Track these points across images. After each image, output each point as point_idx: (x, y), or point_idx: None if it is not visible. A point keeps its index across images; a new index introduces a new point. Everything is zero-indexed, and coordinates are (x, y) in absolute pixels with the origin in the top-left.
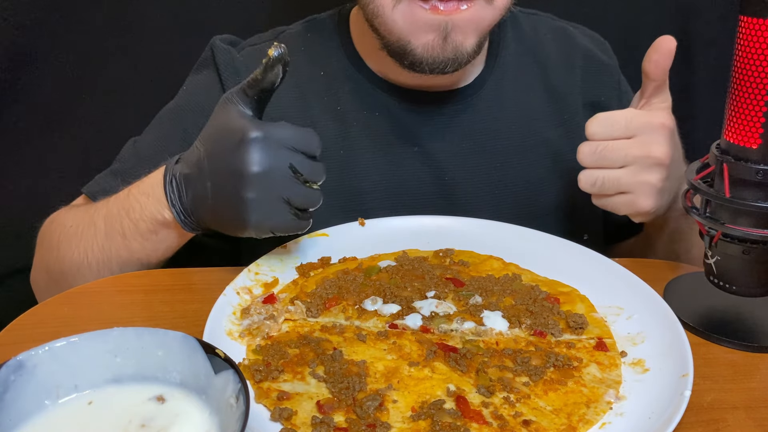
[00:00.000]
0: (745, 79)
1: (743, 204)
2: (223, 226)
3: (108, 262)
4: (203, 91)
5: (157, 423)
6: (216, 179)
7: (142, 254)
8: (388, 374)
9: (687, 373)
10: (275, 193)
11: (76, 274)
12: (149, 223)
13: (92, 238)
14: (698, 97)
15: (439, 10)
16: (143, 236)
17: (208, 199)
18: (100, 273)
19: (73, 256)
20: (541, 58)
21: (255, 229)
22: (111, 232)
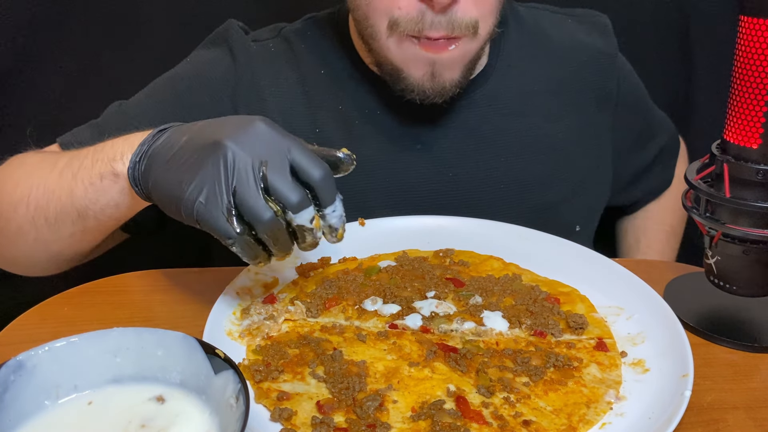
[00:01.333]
0: (746, 79)
1: (743, 204)
2: (162, 191)
3: (45, 207)
4: (209, 63)
5: (157, 423)
6: (189, 138)
7: (80, 203)
8: (388, 374)
9: (687, 373)
10: (226, 180)
11: (11, 213)
12: (105, 164)
13: (44, 176)
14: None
15: (429, 48)
16: (91, 178)
17: (170, 152)
18: (33, 220)
19: (15, 192)
20: (543, 51)
21: (184, 205)
22: (65, 171)
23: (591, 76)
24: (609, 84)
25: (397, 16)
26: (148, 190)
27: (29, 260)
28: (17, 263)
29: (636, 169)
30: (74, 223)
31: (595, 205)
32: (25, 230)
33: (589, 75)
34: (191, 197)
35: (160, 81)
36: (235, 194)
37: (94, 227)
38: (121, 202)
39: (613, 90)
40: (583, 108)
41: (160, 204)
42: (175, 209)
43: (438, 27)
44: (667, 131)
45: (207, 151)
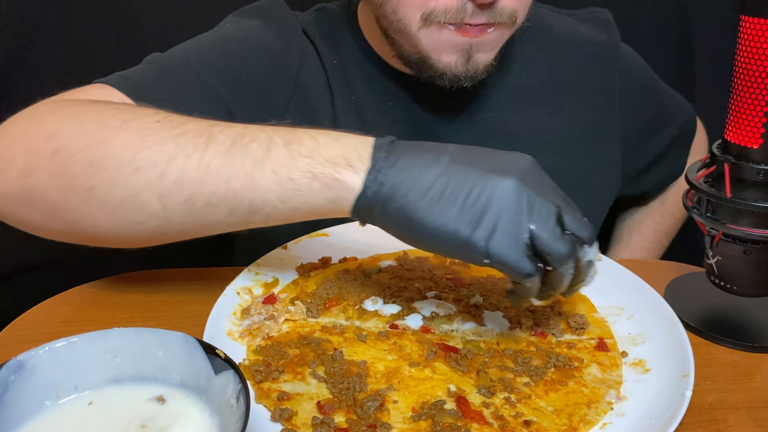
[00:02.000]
0: (746, 79)
1: (744, 204)
2: (427, 224)
3: (195, 185)
4: (258, 29)
5: (157, 423)
6: (453, 169)
7: (262, 196)
8: (388, 374)
9: (688, 373)
10: (521, 216)
11: (125, 177)
12: (319, 164)
13: (195, 146)
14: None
15: (467, 33)
16: (291, 174)
17: (426, 181)
18: (165, 194)
19: (138, 153)
20: (546, 45)
21: (471, 240)
22: (235, 149)
23: (594, 68)
24: (613, 75)
25: (432, 7)
26: (383, 213)
27: (123, 235)
28: (97, 236)
29: (648, 157)
30: (233, 214)
31: (603, 197)
32: (143, 201)
33: (593, 67)
34: (481, 234)
35: (207, 38)
36: (531, 232)
37: (250, 223)
38: (316, 211)
39: (616, 81)
40: (588, 100)
41: (398, 230)
42: (443, 243)
43: (479, 16)
44: (682, 117)
45: (497, 188)
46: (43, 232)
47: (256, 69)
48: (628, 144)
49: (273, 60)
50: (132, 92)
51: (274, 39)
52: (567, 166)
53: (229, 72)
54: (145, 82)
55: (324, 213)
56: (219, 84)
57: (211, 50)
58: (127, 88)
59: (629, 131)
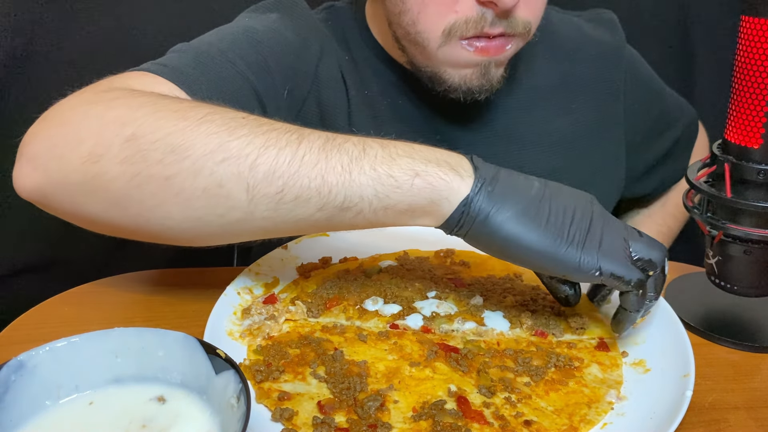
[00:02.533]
0: (747, 79)
1: (745, 204)
2: (531, 241)
3: (288, 178)
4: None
5: (157, 423)
6: (552, 196)
7: (357, 192)
8: (389, 374)
9: (688, 373)
10: (617, 230)
11: (212, 166)
12: (423, 165)
13: (285, 140)
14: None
15: (486, 52)
16: (392, 171)
17: (533, 205)
18: (253, 186)
19: (229, 143)
20: (552, 46)
21: (582, 257)
22: (330, 146)
23: (600, 69)
24: (617, 76)
25: (453, 21)
26: (486, 224)
27: (195, 229)
28: (165, 230)
29: (651, 159)
30: (322, 210)
31: (608, 198)
32: (228, 192)
33: (599, 68)
34: (591, 249)
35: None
36: (628, 243)
37: (337, 222)
38: (412, 211)
39: (621, 82)
40: (594, 101)
41: (497, 244)
42: (548, 258)
43: (498, 25)
44: (684, 119)
45: (586, 202)
46: (98, 224)
47: (282, 61)
48: (632, 146)
49: (294, 54)
50: (180, 81)
51: (293, 34)
52: (574, 167)
53: (258, 62)
54: (185, 70)
55: (418, 215)
56: (250, 73)
57: (239, 40)
58: (175, 78)
59: (633, 133)
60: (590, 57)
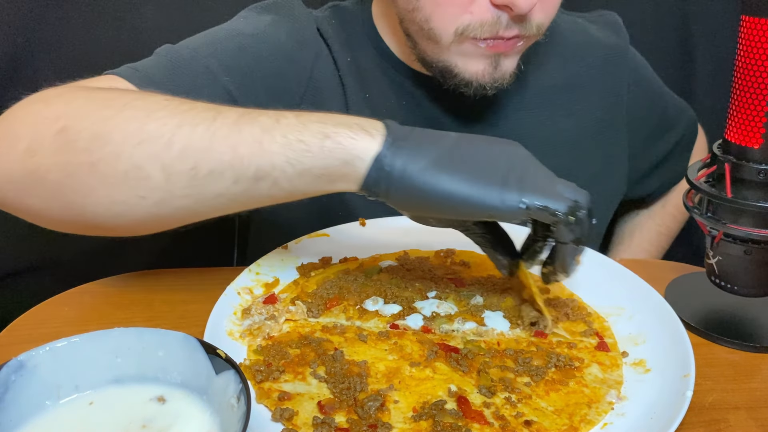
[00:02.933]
0: (747, 79)
1: (745, 204)
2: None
3: (200, 153)
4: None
5: (157, 423)
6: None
7: (269, 160)
8: (389, 374)
9: (688, 373)
10: (539, 166)
11: (129, 149)
12: (332, 128)
13: (204, 118)
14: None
15: (498, 48)
16: (302, 136)
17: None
18: (168, 164)
19: (144, 126)
20: (557, 47)
21: (505, 188)
22: (243, 121)
23: (604, 71)
24: (621, 78)
25: (468, 22)
26: (403, 178)
27: (119, 213)
28: (95, 217)
29: (652, 161)
30: (237, 182)
31: (610, 198)
32: (146, 173)
33: (602, 70)
34: (512, 180)
35: (218, 33)
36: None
37: (255, 195)
38: (327, 174)
39: (625, 84)
40: (598, 102)
41: (418, 195)
42: (468, 198)
43: (512, 28)
44: (684, 122)
45: (509, 145)
46: (43, 219)
47: (269, 66)
48: (633, 147)
49: (286, 58)
50: (140, 83)
51: (288, 37)
52: (578, 167)
53: (241, 68)
54: (154, 75)
55: (335, 178)
56: (228, 80)
57: (223, 45)
58: (136, 80)
59: (634, 134)
60: (595, 58)
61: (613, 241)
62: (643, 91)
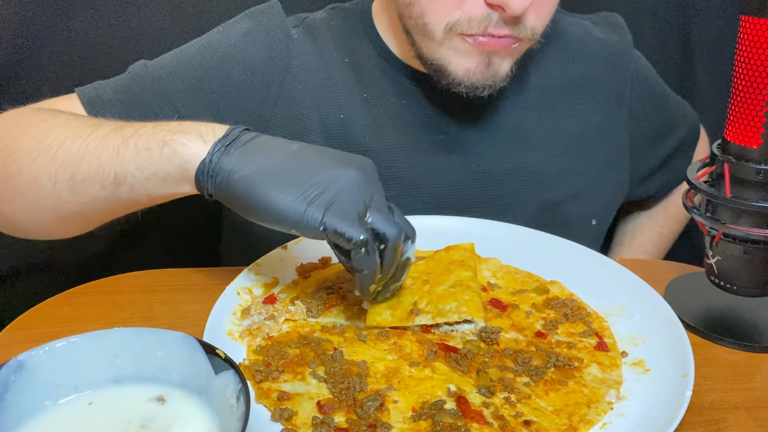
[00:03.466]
0: (746, 79)
1: (744, 204)
2: (262, 192)
3: (77, 163)
4: (245, 37)
5: (157, 423)
6: (300, 153)
7: (123, 167)
8: (388, 374)
9: (688, 373)
10: (359, 197)
11: (28, 162)
12: (172, 135)
13: (83, 133)
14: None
15: (488, 45)
16: (148, 144)
17: (270, 159)
18: (55, 174)
19: (40, 142)
20: (560, 48)
21: (308, 208)
22: (112, 134)
23: (607, 71)
24: (624, 79)
25: (457, 18)
26: (226, 182)
27: (32, 219)
28: (16, 221)
29: (654, 162)
30: (104, 187)
31: (612, 199)
32: (41, 183)
33: (606, 70)
34: (318, 206)
35: (191, 48)
36: (368, 210)
37: (122, 199)
38: (170, 178)
39: (628, 85)
40: (601, 102)
41: (237, 200)
42: (279, 215)
43: (503, 27)
44: (687, 123)
45: (341, 175)
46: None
47: (233, 81)
48: (636, 148)
49: (252, 72)
50: (89, 104)
51: (259, 48)
52: (580, 167)
53: (199, 86)
54: (106, 97)
55: (176, 181)
56: (181, 100)
57: (189, 62)
58: (88, 100)
59: (637, 136)
60: (598, 59)
61: (615, 241)
62: (646, 93)
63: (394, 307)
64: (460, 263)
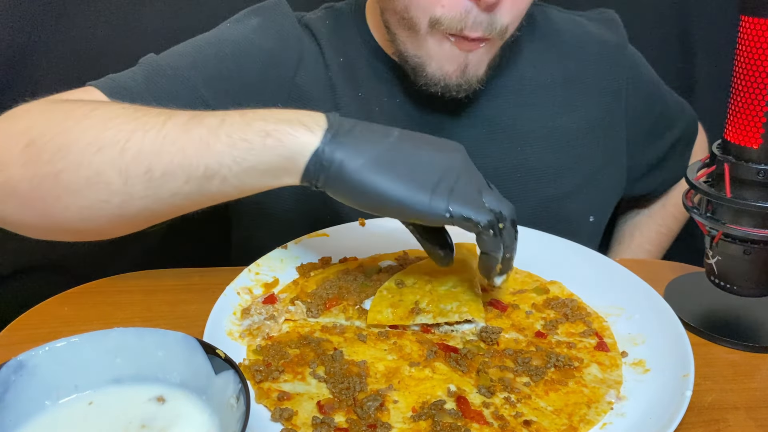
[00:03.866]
0: (746, 79)
1: (744, 204)
2: (383, 179)
3: (154, 156)
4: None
5: (157, 423)
6: (408, 144)
7: (216, 159)
8: (388, 374)
9: (688, 373)
10: (472, 178)
11: (89, 156)
12: (273, 125)
13: (155, 123)
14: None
15: (463, 45)
16: (246, 135)
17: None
18: (125, 168)
19: (102, 133)
20: (555, 44)
21: (434, 191)
22: (192, 123)
23: (602, 67)
24: (619, 75)
25: (439, 15)
26: (339, 173)
27: (88, 218)
28: (65, 222)
29: (651, 159)
30: (189, 181)
31: (609, 196)
32: (105, 178)
33: (600, 67)
34: (442, 192)
35: (203, 40)
36: (481, 191)
37: (208, 193)
38: (272, 170)
39: (623, 81)
40: (596, 99)
41: (352, 192)
42: (398, 201)
43: (478, 27)
44: (684, 120)
45: (447, 153)
46: (20, 226)
47: (250, 74)
48: (632, 145)
49: (267, 64)
50: (115, 94)
51: (272, 42)
52: (575, 164)
53: (221, 78)
54: (130, 86)
55: (279, 173)
56: (206, 89)
57: (205, 55)
58: (111, 91)
59: (633, 132)
60: (593, 55)
61: (614, 240)
62: (642, 89)
63: (395, 305)
64: (462, 263)
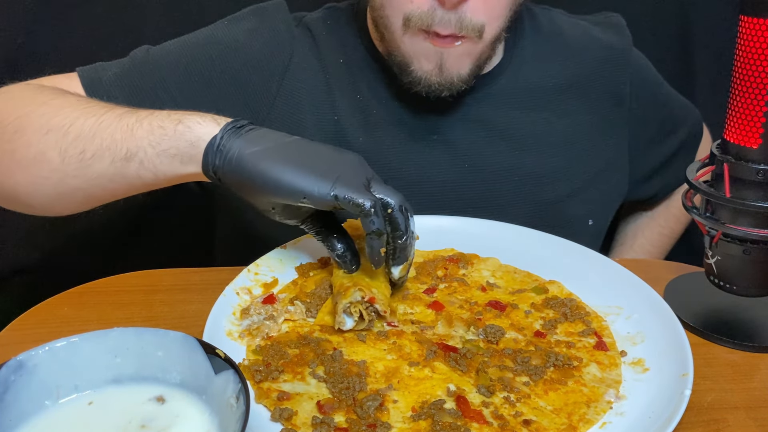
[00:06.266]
0: (746, 79)
1: (744, 204)
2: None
3: (88, 139)
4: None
5: (157, 423)
6: (300, 141)
7: (136, 143)
8: (388, 374)
9: (687, 372)
10: (361, 172)
11: (37, 137)
12: (187, 116)
13: (97, 112)
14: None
15: (435, 41)
16: (163, 122)
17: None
18: (65, 150)
19: (52, 119)
20: (558, 48)
21: (318, 182)
22: (126, 114)
23: (605, 71)
24: (623, 79)
25: (409, 12)
26: (236, 158)
27: (33, 192)
28: (17, 194)
29: (655, 163)
30: (113, 163)
31: (610, 199)
32: (48, 157)
33: (604, 71)
34: (329, 174)
35: (194, 39)
36: (369, 182)
37: (128, 175)
38: (179, 155)
39: (627, 85)
40: (598, 103)
41: (245, 176)
42: (288, 181)
43: (447, 24)
44: (689, 123)
45: (339, 152)
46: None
47: (237, 77)
48: (636, 148)
49: (255, 69)
50: (88, 86)
51: (260, 46)
52: (574, 168)
53: (201, 79)
54: (106, 79)
55: (185, 159)
56: (179, 91)
57: (190, 54)
58: (87, 81)
59: (638, 136)
60: (596, 59)
61: (616, 242)
62: (646, 93)
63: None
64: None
